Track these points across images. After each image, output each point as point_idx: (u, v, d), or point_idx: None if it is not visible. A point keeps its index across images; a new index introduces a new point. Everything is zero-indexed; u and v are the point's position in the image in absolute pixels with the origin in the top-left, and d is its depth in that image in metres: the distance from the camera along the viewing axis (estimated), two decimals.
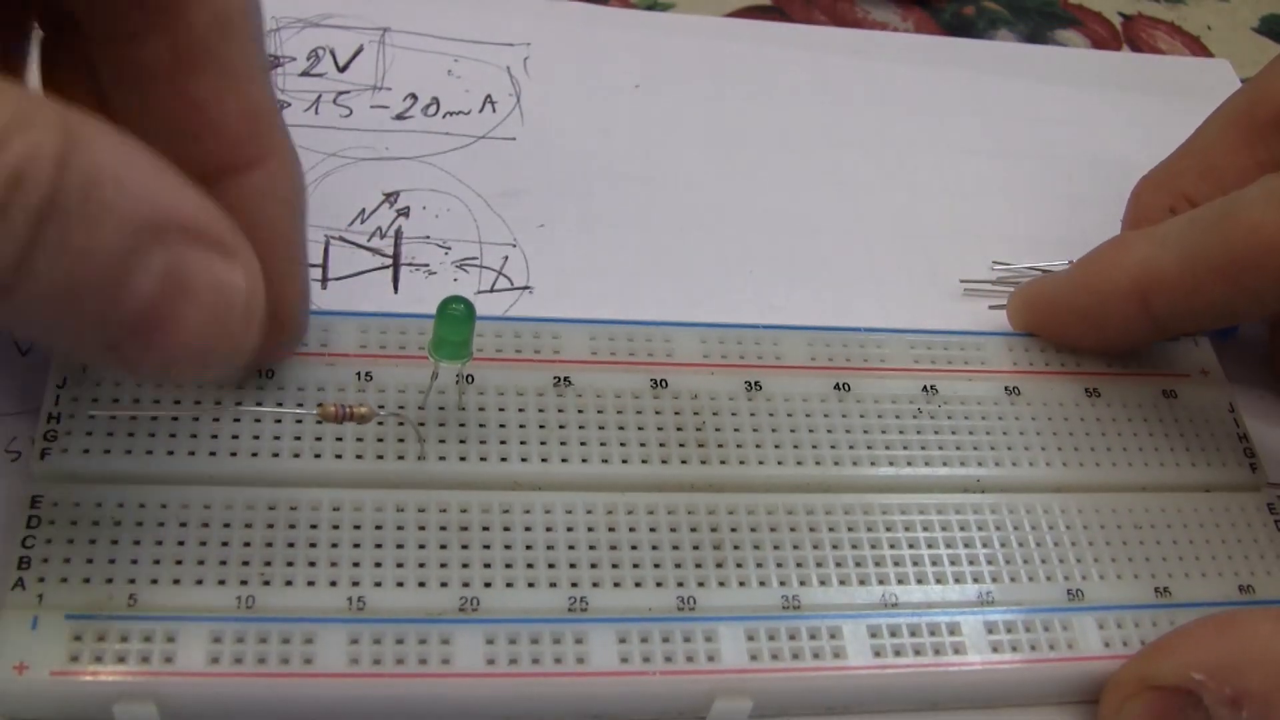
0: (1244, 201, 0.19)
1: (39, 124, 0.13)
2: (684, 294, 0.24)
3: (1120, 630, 0.20)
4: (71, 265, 0.13)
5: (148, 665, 0.16)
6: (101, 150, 0.13)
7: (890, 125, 0.28)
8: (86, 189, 0.13)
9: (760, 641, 0.18)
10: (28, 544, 0.17)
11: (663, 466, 0.20)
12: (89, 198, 0.13)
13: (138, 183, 0.14)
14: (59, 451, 0.18)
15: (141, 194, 0.14)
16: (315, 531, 0.18)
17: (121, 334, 0.14)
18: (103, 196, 0.13)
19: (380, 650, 0.17)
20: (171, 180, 0.14)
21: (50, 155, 0.13)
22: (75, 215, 0.13)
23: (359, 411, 0.18)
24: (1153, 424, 0.22)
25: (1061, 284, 0.23)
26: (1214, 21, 0.34)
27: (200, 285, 0.14)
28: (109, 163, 0.13)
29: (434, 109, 0.26)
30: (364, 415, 0.18)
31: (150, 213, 0.14)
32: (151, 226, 0.14)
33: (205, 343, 0.15)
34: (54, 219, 0.13)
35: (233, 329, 0.15)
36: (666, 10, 0.30)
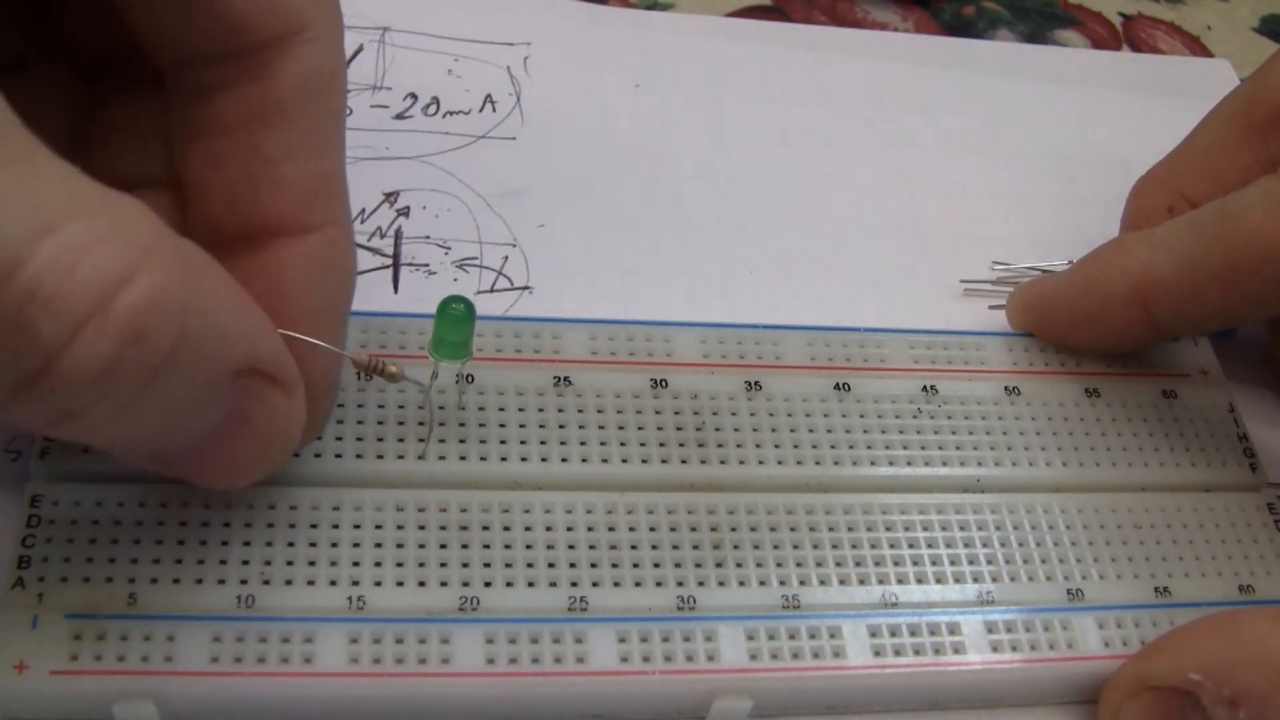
0: (1242, 205, 0.19)
1: (164, 267, 0.13)
2: (684, 294, 0.24)
3: (1120, 630, 0.20)
4: (165, 408, 0.13)
5: (147, 665, 0.16)
6: (212, 297, 0.14)
7: (890, 125, 0.28)
8: (199, 345, 0.13)
9: (760, 641, 0.18)
10: (28, 543, 0.17)
11: (663, 466, 0.20)
12: (199, 347, 0.13)
13: (237, 330, 0.14)
14: (59, 451, 0.18)
15: (239, 343, 0.14)
16: (315, 531, 0.18)
17: (175, 451, 0.15)
18: (208, 349, 0.13)
19: (380, 650, 0.17)
20: (258, 321, 0.15)
21: (173, 310, 0.13)
22: (182, 370, 0.13)
23: (389, 369, 0.17)
24: (1152, 424, 0.22)
25: (1061, 286, 0.23)
26: (1214, 21, 0.34)
27: (259, 418, 0.15)
28: (217, 311, 0.14)
29: (434, 108, 0.26)
30: (393, 374, 0.17)
31: (239, 357, 0.14)
32: (238, 366, 0.14)
33: (248, 464, 0.16)
34: (164, 374, 0.13)
35: (275, 454, 0.16)
36: (666, 10, 0.30)
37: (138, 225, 0.13)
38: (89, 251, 0.12)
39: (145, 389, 0.13)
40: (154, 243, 0.13)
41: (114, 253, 0.12)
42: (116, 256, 0.12)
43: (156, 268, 0.13)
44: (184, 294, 0.13)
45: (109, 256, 0.12)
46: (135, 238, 0.13)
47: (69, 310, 0.12)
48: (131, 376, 0.13)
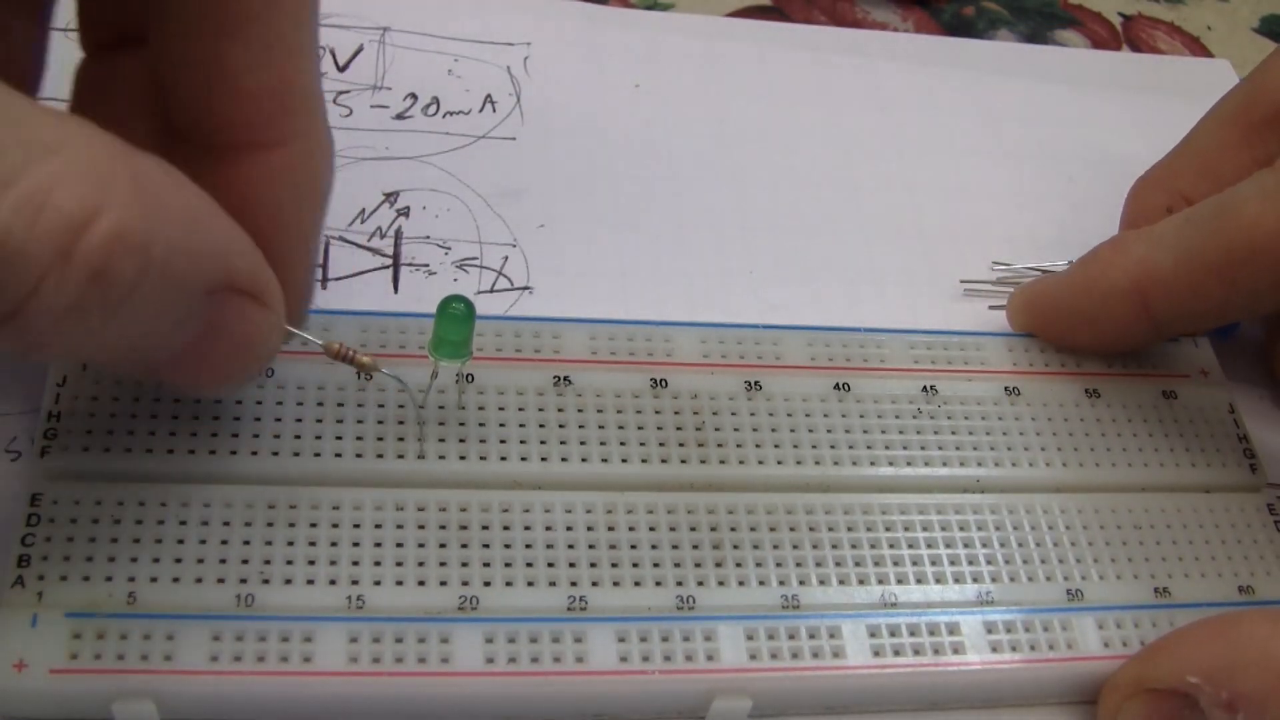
0: (1238, 199, 0.19)
1: (118, 199, 0.13)
2: (684, 294, 0.24)
3: (1120, 630, 0.20)
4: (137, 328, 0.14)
5: (147, 663, 0.16)
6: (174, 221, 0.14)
7: (890, 125, 0.28)
8: (165, 272, 0.13)
9: (759, 641, 0.18)
10: (27, 542, 0.17)
11: (662, 466, 0.20)
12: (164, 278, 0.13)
13: (206, 251, 0.14)
14: (59, 450, 0.18)
15: (208, 263, 0.14)
16: (315, 530, 0.18)
17: (157, 363, 0.15)
18: (175, 274, 0.14)
19: (379, 649, 0.17)
20: (229, 235, 0.15)
21: (135, 244, 0.13)
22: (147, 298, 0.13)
23: (360, 359, 0.17)
24: (1152, 424, 0.22)
25: (1060, 285, 0.23)
26: (1214, 21, 0.34)
27: (236, 331, 0.15)
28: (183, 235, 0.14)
29: (434, 109, 0.26)
30: (365, 364, 0.17)
31: (211, 278, 0.14)
32: (211, 285, 0.14)
33: (231, 372, 0.16)
34: (128, 305, 0.13)
35: (254, 362, 0.16)
36: (666, 10, 0.30)
37: (96, 158, 0.13)
38: (48, 199, 0.12)
39: (111, 318, 0.13)
40: (113, 176, 0.13)
41: (73, 196, 0.12)
42: (75, 199, 0.12)
43: (116, 204, 0.13)
44: (146, 227, 0.13)
45: (68, 200, 0.12)
46: (94, 173, 0.13)
47: (32, 262, 0.12)
48: (97, 310, 0.13)
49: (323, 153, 0.17)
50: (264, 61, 0.16)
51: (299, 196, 0.17)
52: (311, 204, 0.17)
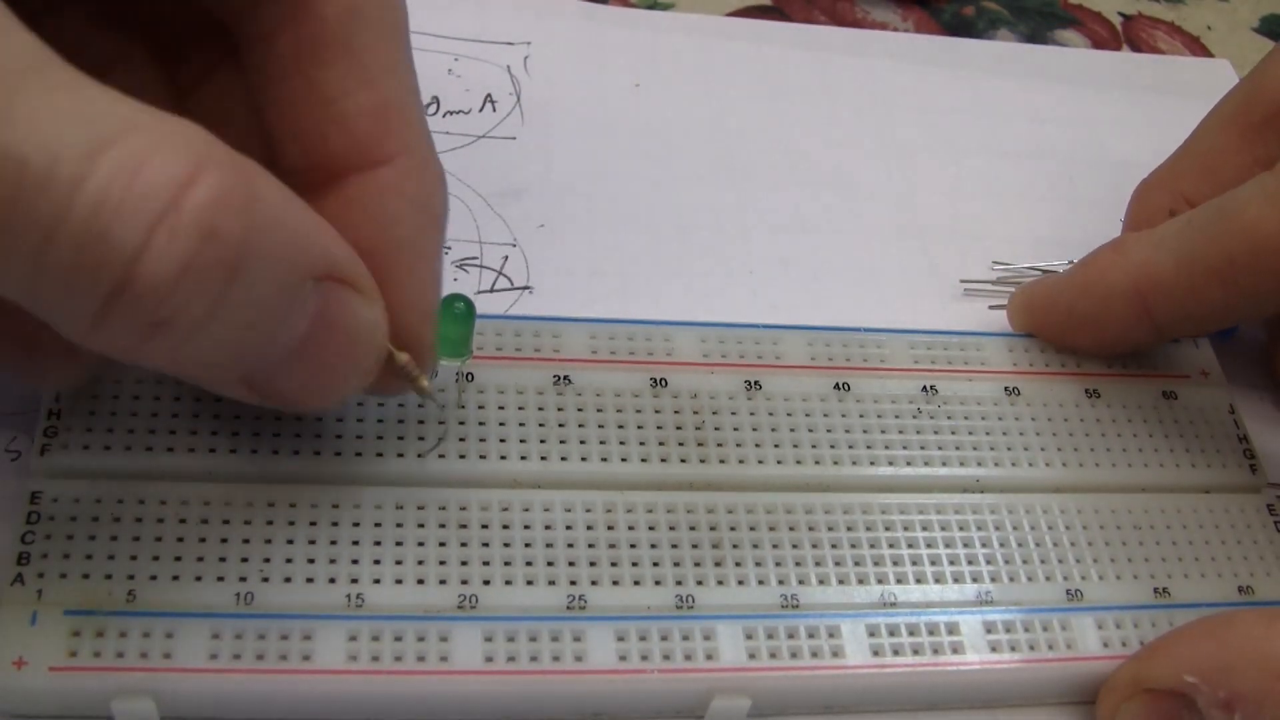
0: (1239, 201, 0.19)
1: (224, 168, 0.13)
2: (684, 294, 0.24)
3: (1119, 631, 0.20)
4: (249, 312, 0.14)
5: (146, 661, 0.16)
6: (273, 196, 0.14)
7: (890, 125, 0.28)
8: (268, 237, 0.13)
9: (759, 640, 0.18)
10: (27, 540, 0.17)
11: (662, 465, 0.20)
12: (270, 246, 0.13)
13: (304, 229, 0.14)
14: (59, 448, 0.18)
15: (312, 245, 0.14)
16: (314, 529, 0.18)
17: (266, 367, 0.15)
18: (280, 244, 0.14)
19: (379, 647, 0.17)
20: (324, 225, 0.15)
21: (239, 205, 0.13)
22: (258, 266, 0.13)
23: (421, 384, 0.17)
24: (1152, 425, 0.22)
25: (1061, 286, 0.23)
26: (1214, 21, 0.34)
27: (343, 324, 0.15)
28: (285, 213, 0.14)
29: (434, 108, 0.26)
30: (423, 389, 0.17)
31: (313, 260, 0.14)
32: (315, 270, 0.14)
33: (340, 376, 0.16)
34: (242, 272, 0.13)
35: (364, 363, 0.16)
36: (666, 10, 0.30)
37: (193, 135, 0.13)
38: (150, 158, 0.12)
39: (226, 289, 0.13)
40: (211, 149, 0.13)
41: (175, 157, 0.13)
42: (177, 160, 0.13)
43: (216, 169, 0.13)
44: (248, 191, 0.13)
45: (170, 161, 0.13)
46: (192, 145, 0.13)
47: (140, 212, 0.12)
48: (210, 274, 0.13)
49: (431, 168, 0.17)
50: (360, 83, 0.16)
51: (413, 211, 0.16)
52: (427, 219, 0.17)
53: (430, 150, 0.17)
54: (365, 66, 0.16)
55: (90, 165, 0.12)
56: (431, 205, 0.17)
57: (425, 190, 0.17)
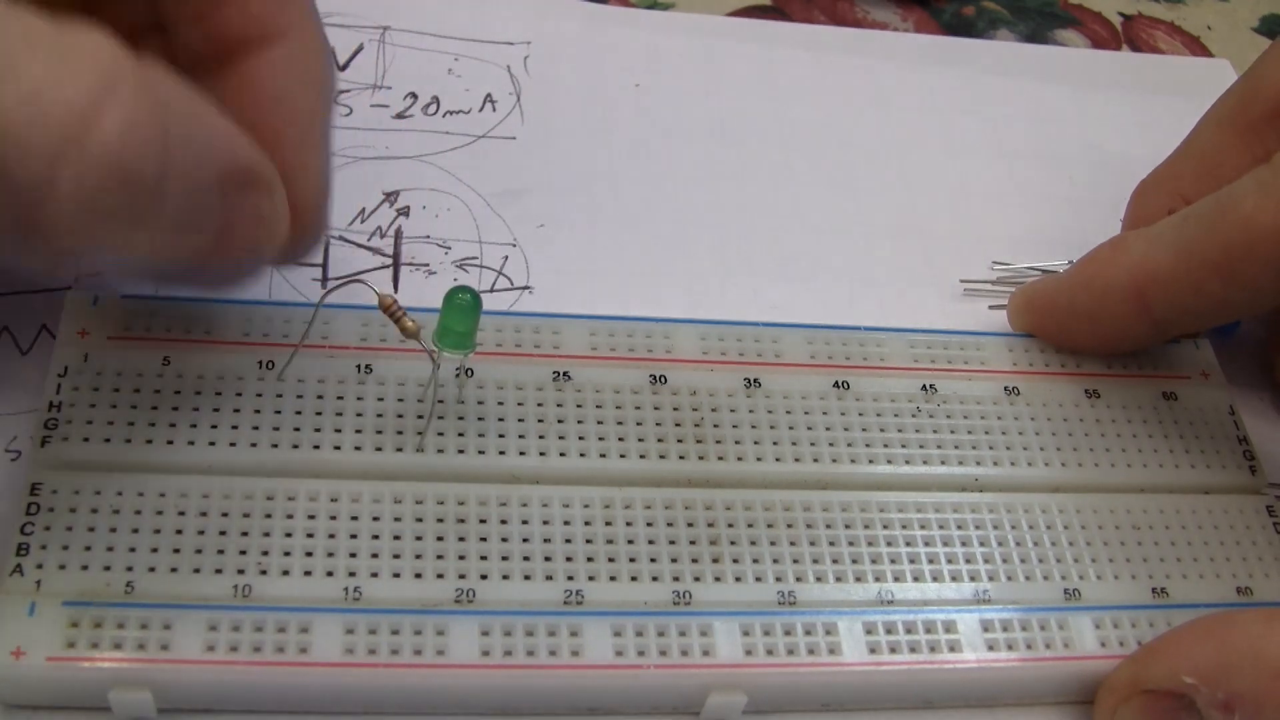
0: (1236, 195, 0.19)
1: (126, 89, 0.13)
2: (684, 294, 0.24)
3: (1117, 630, 0.20)
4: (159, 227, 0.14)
5: (144, 652, 0.16)
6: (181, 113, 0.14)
7: (890, 125, 0.28)
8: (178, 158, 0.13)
9: (755, 637, 0.18)
10: (27, 531, 0.17)
11: (661, 462, 0.20)
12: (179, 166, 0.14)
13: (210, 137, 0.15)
14: (59, 440, 0.18)
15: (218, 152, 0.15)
16: (313, 522, 0.18)
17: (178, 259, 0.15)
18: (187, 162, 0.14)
19: (376, 640, 0.17)
20: (230, 129, 0.15)
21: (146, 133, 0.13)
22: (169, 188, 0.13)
23: (406, 323, 0.18)
24: (1152, 425, 0.22)
25: (1061, 284, 0.23)
26: (1214, 21, 0.34)
27: (250, 218, 0.16)
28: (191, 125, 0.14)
29: (434, 108, 0.26)
30: (409, 328, 0.18)
31: (221, 167, 0.15)
32: (221, 179, 0.15)
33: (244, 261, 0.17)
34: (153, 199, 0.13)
35: (267, 247, 0.17)
36: (666, 10, 0.30)
37: (99, 54, 0.13)
38: (51, 91, 0.12)
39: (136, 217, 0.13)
40: (118, 68, 0.13)
41: (78, 85, 0.12)
42: (81, 89, 0.12)
43: (125, 95, 0.13)
44: (157, 113, 0.13)
45: (73, 89, 0.12)
46: (99, 66, 0.13)
47: (41, 145, 0.12)
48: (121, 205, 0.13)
49: (317, 43, 0.17)
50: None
51: (301, 85, 0.17)
52: (313, 92, 0.17)
53: (317, 28, 0.17)
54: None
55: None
56: (319, 79, 0.18)
57: (313, 66, 0.17)
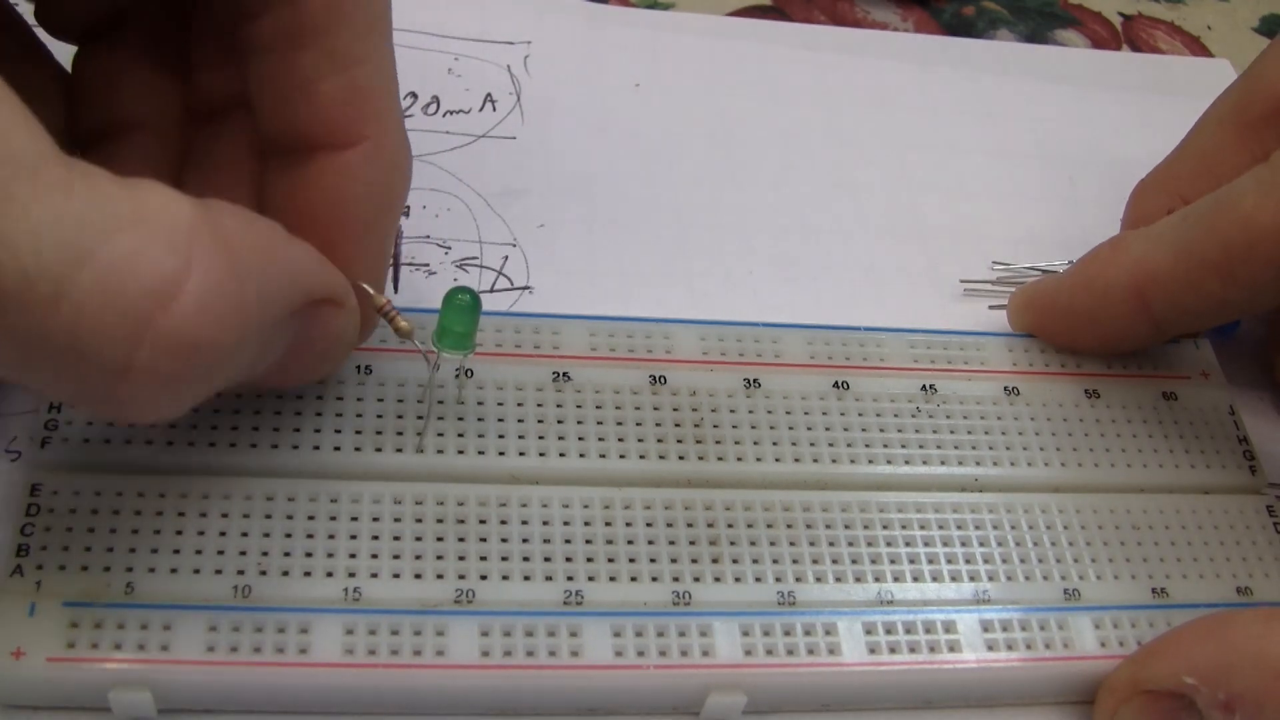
0: (1235, 193, 0.19)
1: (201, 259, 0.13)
2: (684, 294, 0.24)
3: (1116, 630, 0.20)
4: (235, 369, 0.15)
5: (144, 653, 0.16)
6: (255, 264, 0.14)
7: (890, 125, 0.28)
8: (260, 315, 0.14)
9: (755, 637, 0.18)
10: (27, 532, 0.17)
11: (660, 462, 0.20)
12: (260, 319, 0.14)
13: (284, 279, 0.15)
14: (59, 441, 0.18)
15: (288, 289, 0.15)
16: (312, 523, 0.18)
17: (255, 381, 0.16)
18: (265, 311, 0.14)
19: (375, 641, 0.17)
20: (301, 253, 0.16)
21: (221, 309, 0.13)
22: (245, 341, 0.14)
23: (400, 324, 0.18)
24: (1152, 425, 0.22)
25: (1061, 284, 0.23)
26: (1214, 21, 0.34)
27: (322, 336, 0.17)
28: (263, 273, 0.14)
29: (434, 108, 0.26)
30: (402, 329, 0.18)
31: (295, 298, 0.16)
32: (295, 308, 0.16)
33: (319, 371, 0.18)
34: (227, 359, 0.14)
35: (339, 356, 0.18)
36: (666, 9, 0.30)
37: (176, 222, 0.13)
38: (129, 266, 0.12)
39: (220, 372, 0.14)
40: (194, 234, 0.13)
41: (154, 262, 0.13)
42: (159, 267, 0.13)
43: (203, 267, 0.13)
44: (235, 285, 0.13)
45: (149, 268, 0.12)
46: (174, 237, 0.13)
47: (119, 331, 0.12)
48: (204, 371, 0.14)
49: (392, 153, 0.18)
50: (332, 69, 0.17)
51: (370, 195, 0.18)
52: (382, 200, 0.18)
53: (397, 137, 0.18)
54: (339, 54, 0.17)
55: (70, 281, 0.12)
56: (389, 187, 0.18)
57: (384, 176, 0.18)
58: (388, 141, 0.18)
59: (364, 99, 0.17)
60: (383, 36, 0.18)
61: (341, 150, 0.17)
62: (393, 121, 0.18)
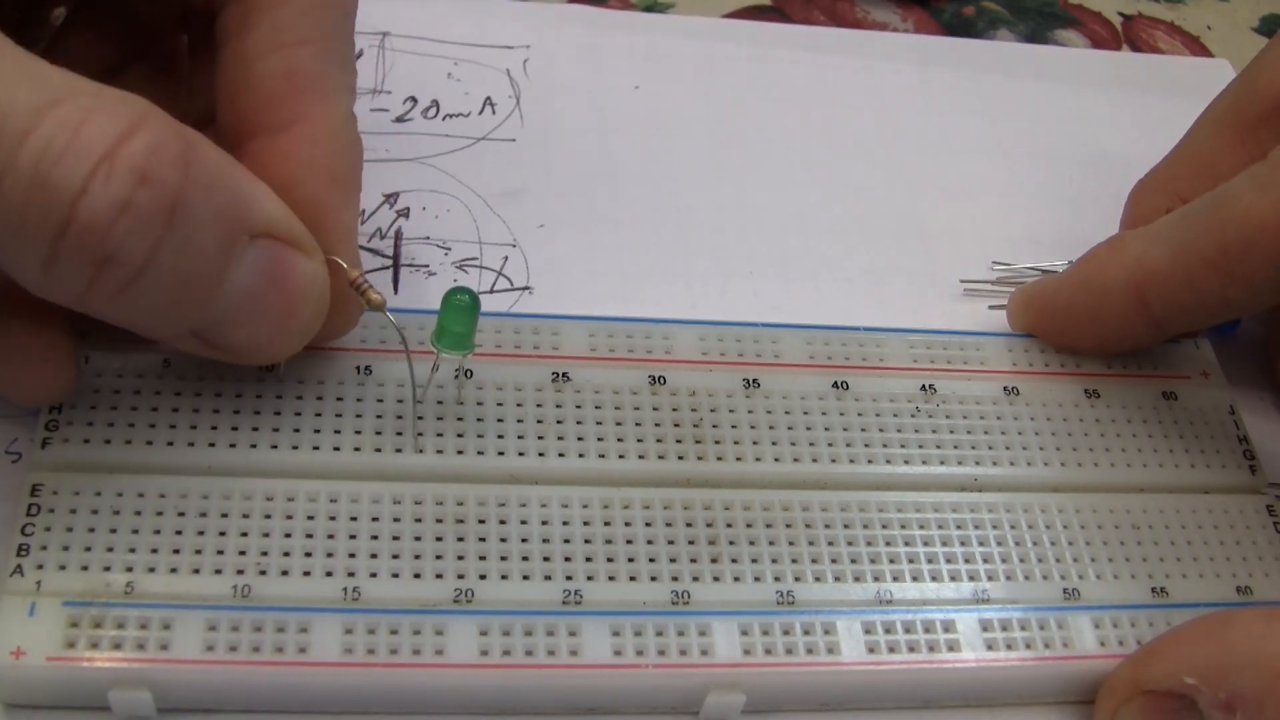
0: (1233, 191, 0.19)
1: (159, 126, 0.14)
2: (683, 295, 0.24)
3: (1116, 630, 0.20)
4: (189, 261, 0.15)
5: (143, 652, 0.17)
6: (211, 158, 0.15)
7: (890, 125, 0.28)
8: (205, 191, 0.15)
9: (754, 636, 0.18)
10: (27, 531, 0.17)
11: (660, 462, 0.20)
12: (206, 199, 0.15)
13: (241, 189, 0.16)
14: (60, 441, 0.18)
15: (244, 200, 0.16)
16: (312, 523, 0.18)
17: (214, 320, 0.16)
18: (216, 199, 0.15)
19: (374, 640, 0.17)
20: (260, 186, 0.16)
21: (173, 157, 0.14)
22: (194, 215, 0.15)
23: (372, 295, 0.18)
24: (1152, 425, 0.22)
25: (1060, 284, 0.23)
26: (1214, 21, 0.34)
27: (285, 279, 0.16)
28: (220, 171, 0.15)
29: (434, 111, 0.26)
30: (374, 300, 0.18)
31: (249, 217, 0.16)
32: (252, 228, 0.16)
33: (285, 328, 0.17)
34: (178, 217, 0.15)
35: (307, 313, 0.17)
36: (666, 11, 0.30)
37: (133, 100, 0.14)
38: (91, 116, 0.14)
39: (163, 232, 0.14)
40: (149, 112, 0.15)
41: (113, 116, 0.14)
42: (116, 118, 0.14)
43: (153, 126, 0.14)
44: (182, 147, 0.14)
45: (109, 118, 0.14)
46: (131, 107, 0.14)
47: (78, 160, 0.14)
48: (146, 215, 0.14)
49: (332, 136, 0.18)
50: (271, 48, 0.17)
51: (312, 174, 0.18)
52: (326, 180, 0.18)
53: (335, 120, 0.18)
54: (281, 32, 0.17)
55: (36, 119, 0.14)
56: (333, 170, 0.18)
57: (325, 159, 0.18)
58: (324, 124, 0.18)
59: (300, 79, 0.17)
60: (333, 19, 0.18)
61: (278, 133, 0.17)
62: (334, 104, 0.18)
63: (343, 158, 0.18)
